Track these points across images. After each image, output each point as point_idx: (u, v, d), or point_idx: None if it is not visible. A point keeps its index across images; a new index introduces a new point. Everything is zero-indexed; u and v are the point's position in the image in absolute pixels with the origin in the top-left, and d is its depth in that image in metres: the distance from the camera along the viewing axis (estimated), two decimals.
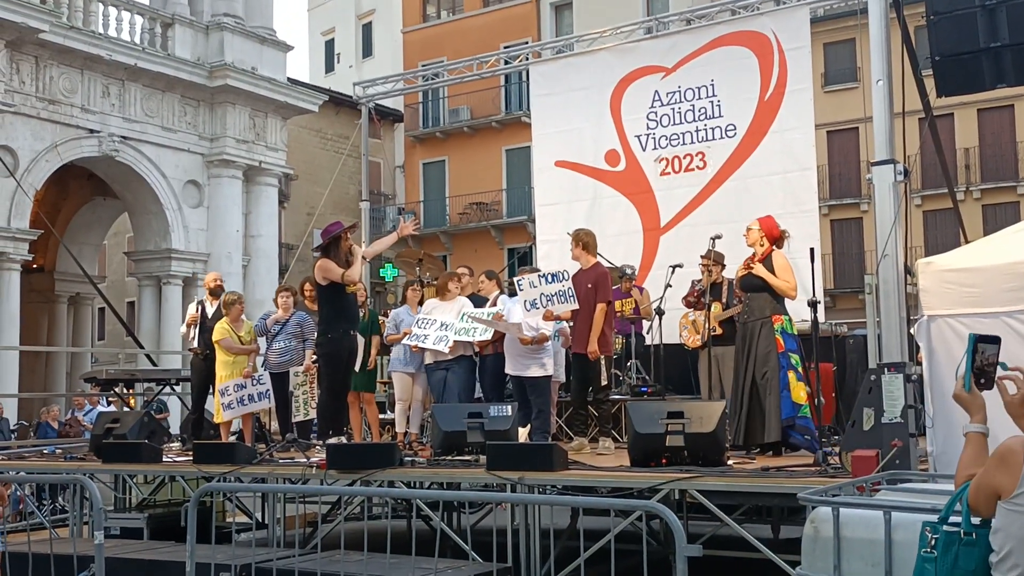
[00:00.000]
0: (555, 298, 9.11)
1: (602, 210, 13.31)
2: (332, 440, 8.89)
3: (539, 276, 9.27)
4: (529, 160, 15.92)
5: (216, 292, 11.17)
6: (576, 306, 9.06)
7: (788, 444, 8.27)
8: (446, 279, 10.23)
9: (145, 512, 10.46)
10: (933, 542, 3.09)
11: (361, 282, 10.01)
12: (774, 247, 8.49)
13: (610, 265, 11.06)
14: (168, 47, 22.31)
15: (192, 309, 11.47)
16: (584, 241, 9.36)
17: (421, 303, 10.50)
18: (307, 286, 10.83)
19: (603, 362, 9.12)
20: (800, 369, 8.21)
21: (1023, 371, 3.04)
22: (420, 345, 9.81)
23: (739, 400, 8.31)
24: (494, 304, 9.94)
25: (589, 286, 9.09)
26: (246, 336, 10.62)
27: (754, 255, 8.50)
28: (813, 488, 5.34)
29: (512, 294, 10.09)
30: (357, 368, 9.83)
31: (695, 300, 9.97)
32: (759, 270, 8.36)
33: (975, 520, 3.02)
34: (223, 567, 7.16)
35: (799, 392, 8.13)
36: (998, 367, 3.09)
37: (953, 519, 3.09)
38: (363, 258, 9.48)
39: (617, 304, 11.03)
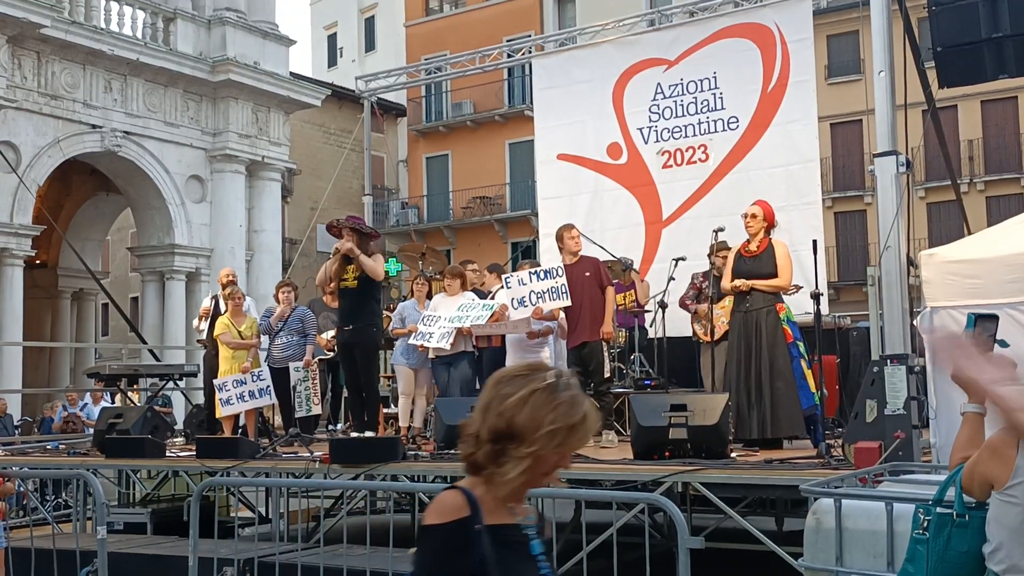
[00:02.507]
0: (546, 295, 9.04)
1: (604, 203, 13.30)
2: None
3: (530, 273, 9.18)
4: (533, 154, 15.89)
5: (228, 287, 11.18)
6: (568, 303, 8.96)
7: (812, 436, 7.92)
8: (449, 273, 10.22)
9: (148, 507, 10.49)
10: (926, 524, 3.05)
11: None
12: (771, 237, 8.31)
13: (611, 258, 11.03)
14: (170, 42, 22.27)
15: (206, 302, 11.51)
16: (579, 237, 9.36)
17: (429, 297, 10.44)
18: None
19: (605, 353, 9.07)
20: (807, 357, 8.09)
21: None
22: (426, 344, 9.73)
23: (751, 392, 7.99)
24: (494, 298, 9.89)
25: (587, 275, 9.03)
26: (247, 331, 10.60)
27: (749, 241, 8.33)
28: (815, 480, 5.34)
29: None
30: None
31: (696, 294, 9.89)
32: (740, 286, 8.15)
33: (969, 502, 2.97)
34: (226, 561, 7.17)
35: (811, 381, 7.99)
36: (996, 344, 3.08)
37: (947, 501, 3.05)
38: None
39: (619, 297, 11.01)
